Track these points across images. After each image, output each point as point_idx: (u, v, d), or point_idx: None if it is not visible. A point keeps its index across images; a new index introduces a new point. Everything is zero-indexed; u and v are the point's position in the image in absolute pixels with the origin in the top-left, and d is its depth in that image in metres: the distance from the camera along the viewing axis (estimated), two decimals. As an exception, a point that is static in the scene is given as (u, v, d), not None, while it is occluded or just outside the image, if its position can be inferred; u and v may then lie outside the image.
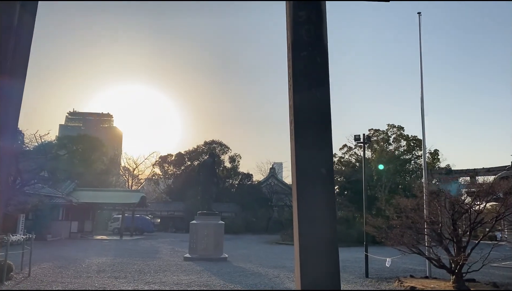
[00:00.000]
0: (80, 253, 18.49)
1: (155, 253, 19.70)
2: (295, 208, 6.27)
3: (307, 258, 5.95)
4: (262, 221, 47.83)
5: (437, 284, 10.22)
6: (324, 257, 5.98)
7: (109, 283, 10.03)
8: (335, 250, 6.02)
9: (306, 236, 5.98)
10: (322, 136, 6.38)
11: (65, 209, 32.38)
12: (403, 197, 12.63)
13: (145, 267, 13.52)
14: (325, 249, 6.00)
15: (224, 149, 61.45)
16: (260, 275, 12.37)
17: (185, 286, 9.83)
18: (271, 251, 22.89)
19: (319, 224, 6.09)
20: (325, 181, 6.15)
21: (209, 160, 18.75)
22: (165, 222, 50.65)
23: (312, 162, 6.24)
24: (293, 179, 6.34)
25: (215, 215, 18.06)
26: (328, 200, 6.18)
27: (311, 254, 5.97)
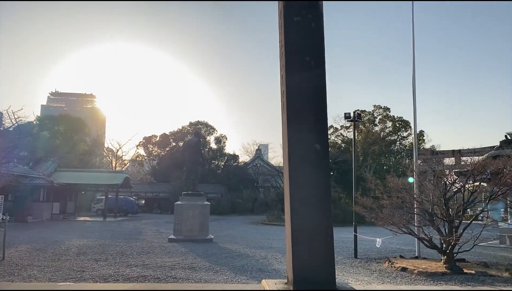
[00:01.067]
0: (60, 235, 17.91)
1: (138, 234, 19.24)
2: (286, 187, 5.79)
3: (300, 242, 5.50)
4: (248, 202, 47.66)
5: (428, 265, 10.00)
6: (318, 240, 5.54)
7: (88, 266, 9.55)
8: (329, 233, 5.59)
9: (298, 218, 5.53)
10: (316, 109, 5.90)
11: (46, 190, 31.55)
12: (393, 176, 12.32)
13: (127, 249, 13.06)
14: (319, 231, 5.56)
15: (210, 129, 60.80)
16: (247, 256, 12.03)
17: (169, 269, 9.40)
18: (258, 232, 22.64)
19: (313, 204, 5.64)
20: (320, 158, 5.68)
21: (194, 139, 18.14)
22: (150, 203, 50.09)
23: (306, 137, 5.76)
24: (285, 156, 5.85)
25: (200, 195, 17.60)
26: (323, 178, 5.72)
27: (304, 237, 5.52)
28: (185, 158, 18.35)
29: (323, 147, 5.73)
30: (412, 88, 13.56)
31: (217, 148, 59.49)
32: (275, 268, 10.00)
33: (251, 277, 8.62)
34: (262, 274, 9.02)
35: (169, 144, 58.93)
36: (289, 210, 5.65)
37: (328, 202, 5.64)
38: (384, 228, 11.33)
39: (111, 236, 17.95)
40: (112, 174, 38.30)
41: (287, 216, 5.87)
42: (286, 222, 6.03)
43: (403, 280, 8.66)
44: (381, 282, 8.37)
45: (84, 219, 32.64)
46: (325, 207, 5.68)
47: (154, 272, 8.96)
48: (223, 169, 56.79)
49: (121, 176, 35.11)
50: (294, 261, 5.51)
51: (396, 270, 9.70)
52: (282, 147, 6.20)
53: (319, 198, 5.61)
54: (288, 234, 5.78)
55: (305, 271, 5.45)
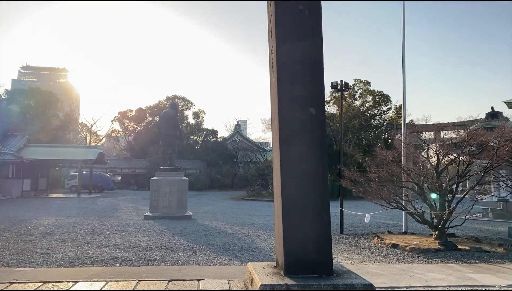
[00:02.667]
0: (29, 213, 16.86)
1: (113, 211, 18.34)
2: (276, 157, 4.97)
3: (292, 221, 4.70)
4: (227, 177, 47.06)
5: (419, 241, 9.54)
6: (312, 218, 4.77)
7: (54, 248, 8.68)
8: (326, 210, 4.85)
9: (290, 193, 4.74)
10: (311, 66, 5.09)
11: (15, 166, 30.08)
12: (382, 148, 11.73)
13: (100, 228, 12.20)
14: (315, 208, 4.81)
15: (188, 104, 59.39)
16: (228, 233, 11.36)
17: (143, 249, 8.63)
18: (238, 207, 22.05)
19: (306, 177, 4.87)
20: (315, 124, 4.89)
21: (170, 111, 17.10)
22: (126, 179, 48.93)
23: (298, 100, 4.96)
24: (274, 122, 5.01)
25: (178, 170, 16.74)
26: (318, 147, 4.92)
27: (297, 215, 4.75)
28: (161, 131, 17.36)
29: (319, 111, 4.97)
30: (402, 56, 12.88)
31: (195, 123, 58.28)
32: (258, 246, 9.35)
33: (233, 257, 7.94)
34: (245, 253, 8.36)
35: (145, 119, 57.38)
36: (279, 184, 4.90)
37: (324, 174, 4.91)
38: (372, 203, 10.81)
39: (83, 214, 17.02)
40: (86, 149, 36.89)
41: (277, 191, 5.12)
42: (276, 198, 5.28)
43: (396, 257, 8.14)
44: (373, 260, 7.82)
45: (57, 196, 31.42)
46: (321, 180, 4.95)
47: (126, 253, 8.18)
48: (201, 144, 55.80)
49: (95, 151, 33.80)
50: (286, 242, 4.80)
51: (387, 247, 9.19)
52: (271, 111, 5.39)
53: (314, 170, 4.86)
54: (278, 211, 5.05)
55: (298, 254, 4.75)
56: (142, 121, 57.68)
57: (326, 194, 4.72)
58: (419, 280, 5.98)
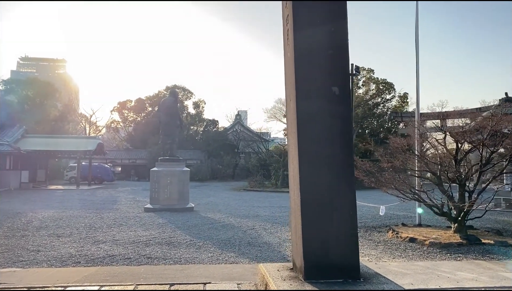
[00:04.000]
0: (25, 206, 16.29)
1: (112, 203, 17.75)
2: (293, 145, 4.18)
3: (312, 217, 3.89)
4: (228, 168, 46.44)
5: (438, 234, 8.92)
6: (336, 215, 4.10)
7: (47, 244, 8.08)
8: (352, 205, 4.16)
9: (310, 187, 3.97)
10: (333, 37, 4.31)
11: (13, 158, 29.45)
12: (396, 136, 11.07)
13: (97, 221, 11.61)
14: (339, 203, 4.12)
15: (188, 94, 58.60)
16: (232, 227, 10.75)
17: (143, 245, 8.03)
18: (241, 198, 21.46)
19: (329, 167, 4.16)
20: (339, 105, 4.19)
21: (170, 99, 16.39)
22: (127, 170, 48.36)
23: (320, 78, 4.21)
24: (290, 104, 4.23)
25: (179, 161, 16.12)
26: (343, 132, 4.27)
27: (318, 211, 4.06)
28: (161, 120, 16.69)
29: (343, 90, 4.29)
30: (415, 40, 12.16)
31: (195, 113, 57.53)
32: (265, 240, 8.75)
33: (240, 254, 7.34)
34: (253, 249, 7.76)
35: (145, 109, 56.69)
36: (296, 175, 4.22)
37: (349, 163, 4.23)
38: (384, 193, 10.18)
39: (81, 206, 16.44)
40: (85, 139, 36.22)
41: (294, 184, 4.44)
42: (292, 192, 4.60)
43: (415, 253, 7.53)
44: (392, 257, 7.21)
45: (56, 187, 30.85)
46: (346, 170, 4.27)
47: (124, 250, 7.57)
48: (202, 134, 55.11)
49: (94, 142, 33.14)
50: (305, 242, 4.14)
51: (404, 241, 8.57)
52: (286, 92, 4.71)
53: (338, 158, 4.19)
54: (295, 207, 4.38)
55: (320, 255, 4.10)
56: (141, 111, 56.98)
57: (352, 186, 4.07)
58: (449, 281, 5.37)
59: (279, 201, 19.67)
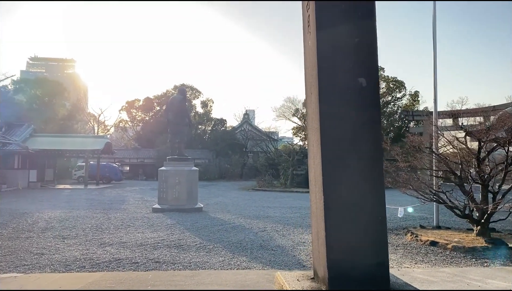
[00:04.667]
0: (32, 206, 16.07)
1: (120, 203, 17.49)
2: (314, 142, 3.65)
3: (337, 222, 3.37)
4: (236, 167, 46.11)
5: (460, 237, 8.48)
6: (364, 220, 3.63)
7: (51, 247, 7.78)
8: (381, 209, 3.70)
9: (334, 188, 3.46)
10: (360, 23, 3.92)
11: (21, 157, 29.38)
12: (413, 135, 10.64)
13: (104, 222, 11.31)
14: (366, 207, 3.68)
15: (196, 93, 58.37)
16: (243, 228, 10.39)
17: (151, 248, 7.69)
18: (250, 198, 21.10)
19: (356, 167, 3.72)
20: (366, 98, 3.78)
21: (178, 97, 16.05)
22: (135, 169, 48.25)
23: (345, 68, 3.76)
24: (312, 97, 3.65)
25: (187, 160, 15.79)
26: (371, 129, 3.85)
27: (343, 215, 3.52)
28: (168, 118, 16.36)
29: (371, 81, 3.89)
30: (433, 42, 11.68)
31: (203, 112, 57.28)
32: (278, 243, 8.37)
33: (252, 258, 6.97)
34: (265, 253, 7.38)
35: (153, 109, 56.55)
36: (319, 175, 3.82)
37: (379, 162, 3.84)
38: (402, 193, 9.74)
39: (88, 206, 16.19)
40: (92, 138, 36.06)
41: (315, 184, 4.04)
42: (313, 193, 4.20)
43: (438, 258, 7.10)
44: (414, 262, 6.80)
45: (64, 187, 30.72)
46: (375, 170, 3.86)
47: (132, 253, 7.24)
48: (210, 133, 54.85)
49: (102, 141, 32.99)
50: (329, 250, 3.75)
51: (424, 245, 8.15)
52: (306, 83, 4.31)
53: (366, 156, 3.78)
54: (317, 210, 3.98)
55: (345, 264, 3.70)
56: (150, 110, 56.86)
57: (381, 187, 3.68)
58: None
59: (289, 201, 19.28)
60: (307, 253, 7.39)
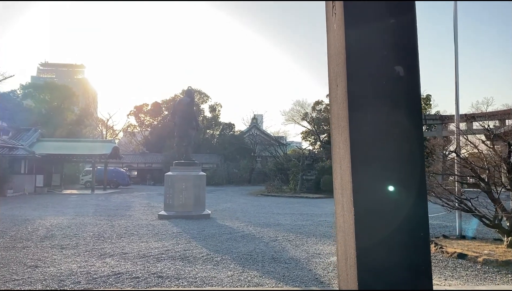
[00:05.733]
0: (36, 212, 15.63)
1: (126, 209, 16.98)
2: (342, 143, 2.90)
3: (370, 239, 2.98)
4: (245, 172, 45.58)
5: (489, 249, 7.79)
6: (403, 236, 3.07)
7: (48, 258, 7.24)
8: (423, 220, 3.16)
9: (367, 198, 2.91)
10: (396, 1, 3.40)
11: (28, 161, 29.10)
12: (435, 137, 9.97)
13: (107, 230, 10.78)
14: (405, 221, 3.08)
15: (204, 97, 58.02)
16: (252, 237, 9.79)
17: (154, 260, 7.12)
18: (259, 204, 20.49)
19: (392, 173, 3.14)
20: (404, 91, 3.18)
21: (185, 99, 15.54)
22: (143, 174, 47.88)
23: (378, 54, 3.24)
24: (338, 90, 2.93)
25: (195, 164, 15.24)
26: (410, 125, 3.28)
27: (378, 231, 3.05)
28: (175, 122, 15.85)
29: (411, 70, 3.29)
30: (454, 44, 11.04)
31: (211, 116, 56.86)
32: (291, 255, 7.75)
33: (264, 273, 6.36)
34: (278, 267, 6.77)
35: (161, 113, 56.24)
36: (347, 183, 3.21)
37: (420, 168, 3.24)
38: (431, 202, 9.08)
39: (93, 212, 15.70)
40: (100, 143, 35.77)
41: (343, 193, 3.42)
42: (339, 204, 3.58)
43: (470, 273, 6.43)
44: (443, 278, 6.13)
45: (71, 192, 30.38)
46: (416, 179, 3.25)
47: (133, 266, 6.67)
48: (218, 138, 54.38)
49: (109, 146, 32.64)
50: (361, 273, 3.12)
51: (451, 257, 7.47)
52: (329, 74, 3.73)
53: (405, 161, 3.19)
54: (346, 225, 3.36)
55: (380, 284, 3.13)
56: (158, 115, 56.58)
57: (424, 198, 3.06)
58: (530, 315, 4.29)
59: (299, 208, 18.64)
60: (323, 267, 6.77)
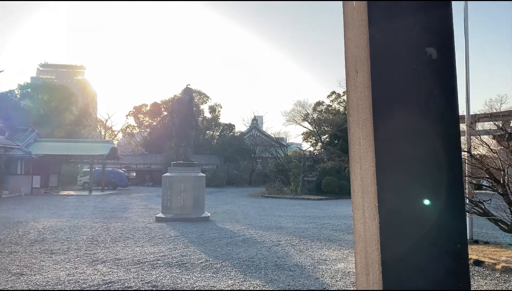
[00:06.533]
0: (30, 214, 15.15)
1: (122, 211, 16.50)
2: (363, 139, 2.69)
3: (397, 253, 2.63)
4: (245, 173, 45.06)
5: (507, 255, 7.33)
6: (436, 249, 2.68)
7: (35, 264, 6.77)
8: (460, 234, 2.73)
9: (394, 204, 2.60)
10: None
11: (24, 162, 28.62)
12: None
13: (101, 233, 10.31)
14: (439, 231, 2.68)
15: (204, 98, 57.57)
16: (254, 242, 9.32)
17: (149, 267, 6.64)
18: (260, 206, 20.00)
19: (424, 175, 2.72)
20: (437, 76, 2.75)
21: (184, 98, 15.06)
22: (142, 175, 47.36)
23: (406, 34, 2.83)
24: (359, 77, 2.73)
25: (194, 165, 14.76)
26: (445, 119, 2.82)
27: (407, 243, 2.64)
28: (174, 121, 15.38)
29: (444, 52, 2.85)
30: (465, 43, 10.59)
31: (211, 117, 56.38)
32: (296, 261, 7.27)
33: (267, 281, 5.89)
34: (282, 274, 6.30)
35: (160, 114, 55.75)
36: (371, 185, 2.76)
37: (457, 170, 2.79)
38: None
39: (89, 214, 15.22)
40: (98, 143, 35.24)
41: (364, 197, 2.96)
42: (359, 210, 3.14)
43: (489, 282, 5.96)
44: (461, 288, 5.66)
45: (68, 193, 29.86)
46: (452, 182, 2.83)
47: (126, 273, 6.20)
48: (218, 139, 53.87)
49: (107, 146, 32.13)
50: (387, 283, 2.69)
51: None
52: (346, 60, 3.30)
53: (439, 161, 2.77)
54: (368, 234, 2.92)
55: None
56: (157, 116, 56.11)
57: (461, 204, 2.61)
58: None
59: (301, 210, 18.16)
60: (331, 275, 6.30)
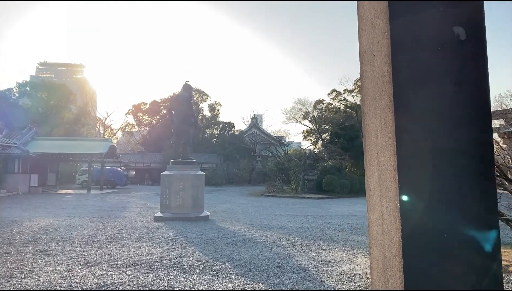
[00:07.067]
0: (26, 213, 14.86)
1: (121, 210, 16.21)
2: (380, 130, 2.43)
3: (422, 260, 2.35)
4: (245, 172, 44.79)
5: (519, 256, 7.05)
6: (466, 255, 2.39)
7: (26, 266, 6.47)
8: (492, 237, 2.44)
9: (417, 204, 2.33)
10: None
11: (22, 161, 28.33)
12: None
13: (98, 233, 10.01)
14: (468, 235, 2.40)
15: (203, 96, 57.29)
16: (255, 242, 9.02)
17: (145, 269, 6.35)
18: (260, 205, 19.72)
19: (452, 172, 2.43)
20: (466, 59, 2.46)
21: (183, 94, 14.74)
22: (141, 174, 47.10)
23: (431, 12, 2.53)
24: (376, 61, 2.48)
25: (193, 163, 14.45)
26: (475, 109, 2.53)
27: (432, 249, 2.34)
28: (173, 118, 15.08)
29: (475, 33, 2.54)
30: None
31: (211, 115, 56.10)
32: (299, 263, 6.98)
33: (270, 284, 5.59)
34: (285, 277, 6.00)
35: (160, 112, 55.46)
36: (391, 182, 2.44)
37: (489, 164, 2.49)
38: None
39: (87, 213, 14.93)
40: (96, 142, 34.91)
41: (383, 197, 2.64)
42: (376, 210, 2.82)
43: (505, 285, 5.68)
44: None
45: (66, 192, 29.58)
46: (483, 178, 2.51)
47: (121, 276, 5.90)
48: (217, 137, 53.57)
49: (106, 144, 31.85)
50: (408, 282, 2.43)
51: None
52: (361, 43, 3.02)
53: (468, 156, 2.46)
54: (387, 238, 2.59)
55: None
56: (156, 114, 55.81)
57: (494, 204, 2.31)
58: None
59: (302, 209, 17.87)
60: (336, 277, 6.00)
